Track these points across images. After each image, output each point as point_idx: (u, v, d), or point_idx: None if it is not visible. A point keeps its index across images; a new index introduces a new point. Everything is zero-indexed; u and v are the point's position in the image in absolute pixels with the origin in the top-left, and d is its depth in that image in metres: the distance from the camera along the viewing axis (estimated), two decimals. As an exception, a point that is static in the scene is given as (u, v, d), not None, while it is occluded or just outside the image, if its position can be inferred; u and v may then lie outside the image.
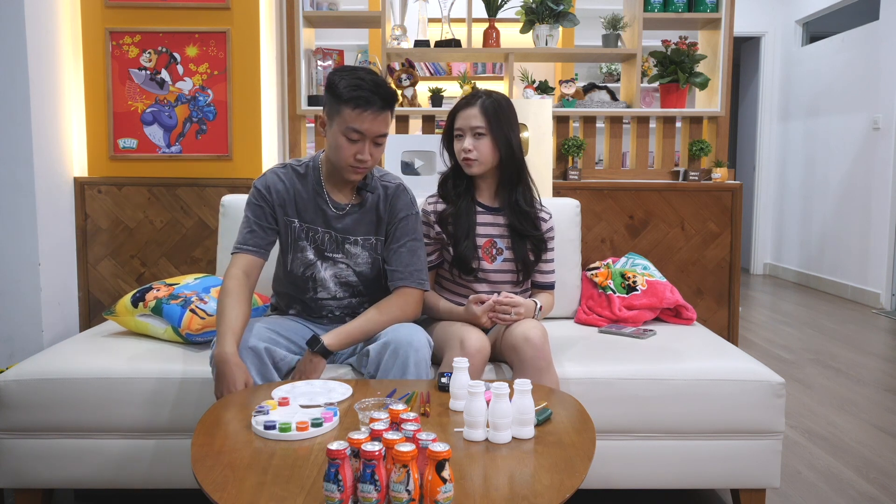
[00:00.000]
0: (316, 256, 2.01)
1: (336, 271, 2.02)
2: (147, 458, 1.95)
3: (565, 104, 3.44)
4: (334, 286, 2.03)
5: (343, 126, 1.83)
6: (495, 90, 2.16)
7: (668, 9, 3.43)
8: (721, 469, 1.99)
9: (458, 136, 2.09)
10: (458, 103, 2.11)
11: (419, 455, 1.16)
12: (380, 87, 1.82)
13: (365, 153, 1.86)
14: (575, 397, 1.71)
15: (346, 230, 2.00)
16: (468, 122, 2.06)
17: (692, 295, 3.24)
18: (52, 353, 2.08)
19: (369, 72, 1.86)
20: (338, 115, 1.84)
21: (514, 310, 1.95)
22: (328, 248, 2.01)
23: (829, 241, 6.03)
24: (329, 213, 1.99)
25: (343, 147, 1.85)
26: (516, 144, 2.08)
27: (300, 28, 3.31)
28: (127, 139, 3.04)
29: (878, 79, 5.37)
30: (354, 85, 1.80)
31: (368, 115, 1.81)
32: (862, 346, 4.19)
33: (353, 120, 1.81)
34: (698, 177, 3.35)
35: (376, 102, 1.81)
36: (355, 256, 2.01)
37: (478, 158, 2.05)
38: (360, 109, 1.80)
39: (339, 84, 1.82)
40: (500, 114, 2.06)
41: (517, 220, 2.10)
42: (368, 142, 1.85)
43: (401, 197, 2.02)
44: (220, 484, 1.21)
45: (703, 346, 2.22)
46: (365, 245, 2.01)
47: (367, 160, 1.87)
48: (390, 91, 1.86)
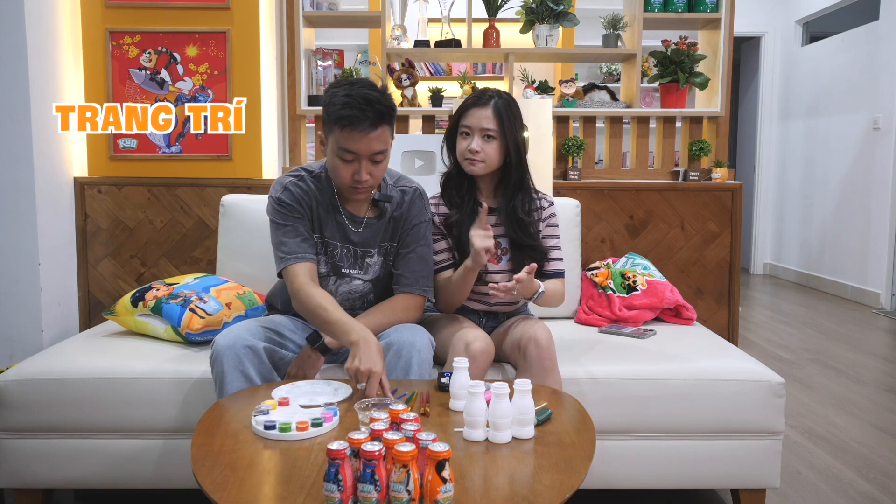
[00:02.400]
0: (330, 273, 1.96)
1: (350, 288, 1.98)
2: (147, 458, 1.95)
3: (565, 104, 3.44)
4: (341, 300, 1.96)
5: (335, 146, 1.77)
6: (501, 90, 2.09)
7: (668, 9, 3.43)
8: (721, 469, 1.99)
9: (464, 134, 2.01)
10: (469, 100, 2.02)
11: (419, 455, 1.16)
12: (371, 104, 1.71)
13: (362, 173, 1.77)
14: (575, 397, 1.71)
15: (365, 243, 1.95)
16: (479, 123, 1.98)
17: (692, 295, 3.23)
18: (52, 353, 2.08)
19: (364, 85, 1.76)
20: (330, 134, 1.78)
21: (516, 286, 1.84)
22: (345, 263, 1.96)
23: (829, 241, 6.03)
24: (347, 227, 1.93)
25: (339, 168, 1.79)
26: (523, 148, 2.03)
27: (300, 28, 3.31)
28: (127, 139, 3.04)
29: (878, 79, 5.37)
30: (343, 103, 1.72)
31: (358, 134, 1.72)
32: (862, 346, 4.19)
33: (344, 140, 1.74)
34: (698, 177, 3.35)
35: (365, 120, 1.71)
36: (371, 266, 1.98)
37: (484, 161, 1.99)
38: (349, 129, 1.72)
39: (330, 101, 1.75)
40: (511, 116, 2.00)
41: (513, 228, 2.03)
42: (365, 161, 1.77)
43: (416, 203, 1.98)
44: (220, 484, 1.21)
45: (703, 346, 2.22)
46: (380, 251, 1.98)
47: (367, 180, 1.79)
48: (384, 105, 1.74)
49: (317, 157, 3.56)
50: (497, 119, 1.97)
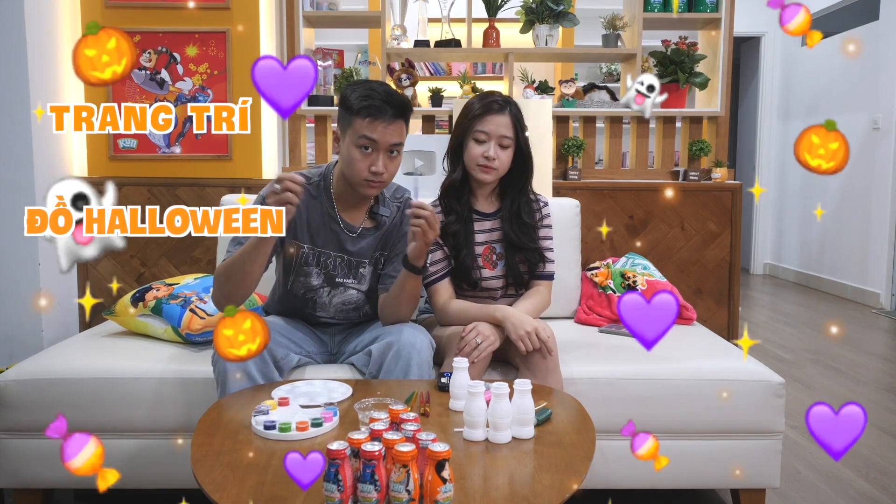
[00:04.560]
0: (323, 283, 1.95)
1: (345, 299, 1.98)
2: (147, 458, 1.95)
3: (565, 104, 3.44)
4: (335, 311, 2.00)
5: (355, 137, 1.78)
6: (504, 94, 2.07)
7: (668, 9, 3.43)
8: (721, 469, 1.99)
9: (479, 140, 1.96)
10: (485, 106, 1.97)
11: (419, 455, 1.16)
12: (392, 97, 1.78)
13: (379, 165, 1.79)
14: (575, 397, 1.71)
15: (360, 254, 1.95)
16: (498, 130, 1.95)
17: (692, 295, 3.24)
18: (52, 353, 2.08)
19: (382, 84, 1.83)
20: (350, 126, 1.80)
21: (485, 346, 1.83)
22: (339, 273, 1.95)
23: (829, 241, 6.03)
24: (342, 236, 1.93)
25: (356, 160, 1.80)
26: (529, 154, 2.03)
27: (300, 28, 3.31)
28: (127, 139, 3.04)
29: (878, 79, 5.37)
30: (365, 95, 1.77)
31: (380, 124, 1.77)
32: (862, 346, 4.19)
33: (365, 129, 1.77)
34: (698, 177, 3.35)
35: (388, 111, 1.77)
36: (365, 276, 1.98)
37: (497, 168, 1.97)
38: (371, 118, 1.76)
39: (350, 97, 1.79)
40: (522, 122, 2.00)
41: (514, 231, 2.02)
42: (382, 153, 1.80)
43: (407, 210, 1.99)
44: (220, 484, 1.21)
45: (703, 346, 2.21)
46: (371, 261, 1.98)
47: (382, 173, 1.80)
48: (403, 100, 1.81)
49: (317, 159, 3.56)
50: (514, 126, 1.97)
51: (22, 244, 2.72)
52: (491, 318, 1.89)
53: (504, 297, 2.08)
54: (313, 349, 1.99)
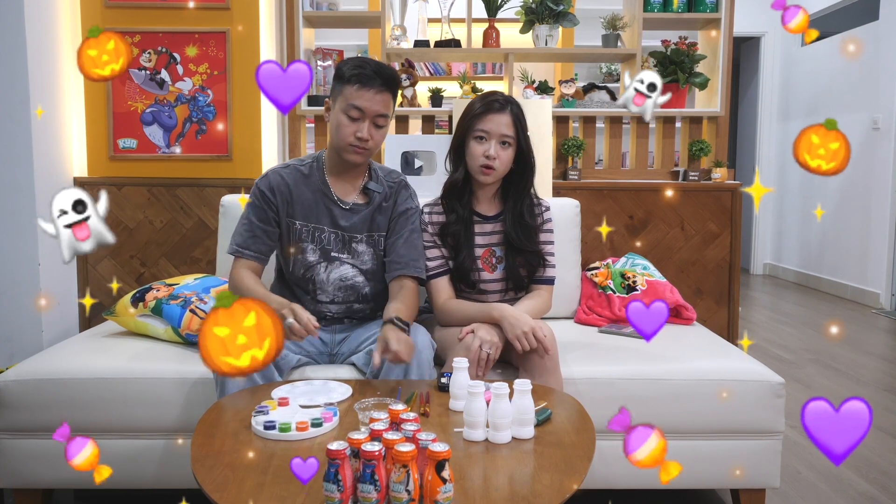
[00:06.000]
0: (320, 258, 1.99)
1: (341, 274, 2.00)
2: (147, 458, 1.95)
3: (565, 104, 3.44)
4: (334, 290, 2.00)
5: (344, 104, 1.87)
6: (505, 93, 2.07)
7: (668, 9, 3.43)
8: (721, 469, 1.99)
9: (480, 139, 1.97)
10: (485, 105, 1.97)
11: (419, 455, 1.16)
12: (382, 69, 1.88)
13: (364, 132, 1.88)
14: (575, 397, 1.71)
15: (353, 229, 1.99)
16: (498, 129, 1.96)
17: (692, 295, 3.23)
18: (52, 353, 2.08)
19: (375, 60, 1.92)
20: (340, 94, 1.89)
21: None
22: (334, 247, 1.99)
23: (829, 241, 6.03)
24: (335, 211, 1.98)
25: (343, 125, 1.88)
26: (530, 154, 2.03)
27: (300, 28, 3.31)
28: (127, 139, 3.04)
29: (878, 79, 5.37)
30: (357, 65, 1.87)
31: (368, 92, 1.85)
32: (862, 347, 4.19)
33: (353, 97, 1.86)
34: (698, 177, 3.35)
35: (377, 81, 1.86)
36: (361, 255, 2.01)
37: (497, 168, 1.97)
38: (360, 85, 1.85)
39: (342, 67, 1.90)
40: (524, 123, 2.00)
41: (517, 233, 2.02)
42: (368, 121, 1.88)
43: (401, 192, 2.05)
44: (220, 484, 1.21)
45: (703, 346, 2.22)
46: (369, 242, 2.01)
47: (368, 140, 1.89)
48: (392, 73, 1.90)
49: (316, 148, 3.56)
50: (514, 125, 1.98)
51: (22, 244, 2.72)
52: (489, 317, 1.89)
53: (503, 301, 2.07)
54: (313, 349, 1.99)
